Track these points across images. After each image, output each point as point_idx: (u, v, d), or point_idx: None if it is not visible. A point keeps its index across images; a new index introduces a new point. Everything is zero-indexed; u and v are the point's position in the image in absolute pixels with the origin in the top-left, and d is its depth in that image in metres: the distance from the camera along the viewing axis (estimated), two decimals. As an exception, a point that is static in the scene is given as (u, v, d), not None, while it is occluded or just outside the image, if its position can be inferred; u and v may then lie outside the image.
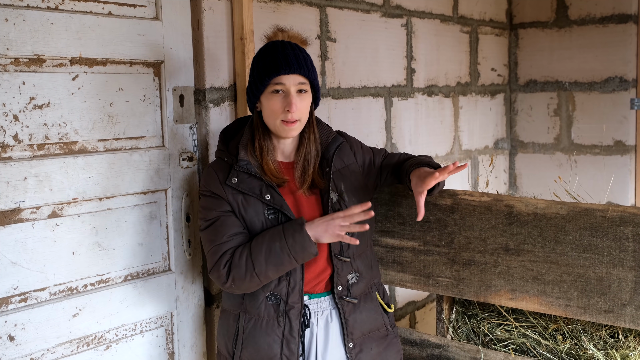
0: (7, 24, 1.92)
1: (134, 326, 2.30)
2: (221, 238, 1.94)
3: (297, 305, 1.98)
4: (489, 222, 2.18)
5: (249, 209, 1.96)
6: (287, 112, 1.94)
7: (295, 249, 1.89)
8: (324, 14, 3.02)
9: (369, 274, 2.12)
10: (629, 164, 4.12)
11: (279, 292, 1.98)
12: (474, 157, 4.25)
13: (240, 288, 1.94)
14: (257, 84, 1.96)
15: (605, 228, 2.00)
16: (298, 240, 1.89)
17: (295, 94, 1.95)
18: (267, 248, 1.90)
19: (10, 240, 1.97)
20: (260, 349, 1.98)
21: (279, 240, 1.90)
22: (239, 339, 2.00)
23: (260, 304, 1.98)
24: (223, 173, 1.99)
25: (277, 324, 1.98)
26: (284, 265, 1.91)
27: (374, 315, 2.11)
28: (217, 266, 1.93)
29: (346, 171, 2.10)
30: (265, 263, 1.89)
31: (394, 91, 3.49)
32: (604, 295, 2.01)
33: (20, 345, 1.99)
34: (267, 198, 1.96)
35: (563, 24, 4.29)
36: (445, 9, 3.87)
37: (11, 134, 1.96)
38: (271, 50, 1.98)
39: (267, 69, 1.94)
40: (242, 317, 2.00)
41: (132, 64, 2.26)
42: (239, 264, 1.91)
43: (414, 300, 3.75)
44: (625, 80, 4.07)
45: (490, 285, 2.20)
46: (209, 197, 2.00)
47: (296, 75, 1.95)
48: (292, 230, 1.91)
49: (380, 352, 2.11)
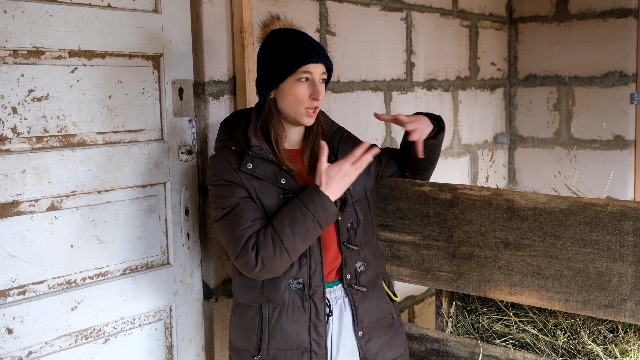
0: (5, 15, 1.91)
1: (133, 319, 2.30)
2: (244, 223, 1.89)
3: (320, 289, 1.98)
4: (489, 216, 2.18)
5: (266, 193, 1.94)
6: (313, 100, 1.95)
7: (318, 212, 1.88)
8: (323, 7, 3.01)
9: (375, 263, 2.14)
10: (628, 159, 4.11)
11: (301, 277, 1.96)
12: (474, 152, 4.24)
13: (270, 270, 1.89)
14: (283, 70, 1.93)
15: (606, 223, 1.99)
16: (318, 202, 1.88)
17: (319, 83, 1.96)
18: (290, 219, 1.87)
19: (8, 233, 1.96)
20: (288, 337, 1.96)
21: (299, 209, 1.88)
22: (265, 330, 1.97)
23: (284, 292, 1.96)
24: (235, 160, 1.96)
25: (303, 309, 1.97)
26: (310, 233, 1.88)
27: (381, 304, 2.12)
28: (245, 251, 1.88)
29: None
30: (292, 235, 1.86)
31: (394, 85, 3.49)
32: (604, 290, 2.01)
33: (19, 338, 1.99)
34: (283, 182, 1.95)
35: (563, 18, 4.28)
36: (445, 2, 3.86)
37: (10, 126, 1.95)
38: (294, 37, 1.97)
39: (296, 56, 1.92)
40: (266, 308, 1.97)
41: (131, 57, 2.25)
42: (265, 242, 1.86)
43: (413, 294, 3.75)
44: (625, 75, 4.06)
45: (489, 280, 2.19)
46: (223, 185, 1.95)
47: (322, 64, 1.96)
48: (309, 195, 1.90)
49: (388, 341, 2.12)
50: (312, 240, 1.92)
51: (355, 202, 2.08)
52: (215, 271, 2.53)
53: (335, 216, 1.92)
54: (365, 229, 2.10)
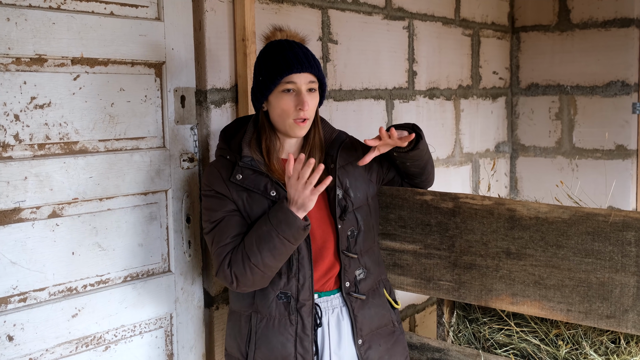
0: (8, 23, 1.91)
1: (133, 327, 2.29)
2: (225, 239, 1.92)
3: (308, 303, 1.97)
4: (491, 225, 2.17)
5: (254, 206, 1.94)
6: (299, 110, 1.93)
7: (282, 228, 1.83)
8: (325, 15, 3.02)
9: (376, 270, 2.13)
10: (630, 169, 4.11)
11: (288, 290, 1.96)
12: (475, 161, 4.24)
13: (247, 285, 1.90)
14: (267, 83, 1.94)
15: (608, 233, 1.99)
16: (281, 218, 1.84)
17: (306, 93, 1.94)
18: (256, 236, 1.87)
19: (10, 240, 1.96)
20: (273, 348, 1.96)
21: (265, 224, 1.87)
22: (252, 339, 1.98)
23: (271, 303, 1.96)
24: (226, 170, 1.97)
25: (289, 322, 1.96)
26: (278, 248, 1.84)
27: (382, 312, 2.11)
28: (222, 267, 1.90)
29: (349, 167, 2.11)
30: (259, 251, 1.84)
31: (396, 93, 3.49)
32: (606, 301, 2.00)
33: (19, 345, 1.99)
34: (273, 194, 1.94)
35: (565, 27, 4.28)
36: (447, 11, 3.86)
37: (12, 133, 1.96)
38: (279, 48, 1.96)
39: (278, 68, 1.92)
40: (254, 318, 1.98)
41: (134, 65, 2.25)
42: (235, 259, 1.88)
43: (414, 303, 3.74)
44: (627, 85, 4.06)
45: (491, 290, 2.19)
46: (213, 197, 1.97)
47: (307, 73, 1.94)
48: (275, 210, 1.87)
49: (389, 349, 2.11)
50: (286, 254, 1.88)
51: (356, 210, 2.07)
52: (216, 279, 2.52)
53: (303, 231, 1.85)
54: (366, 237, 2.09)
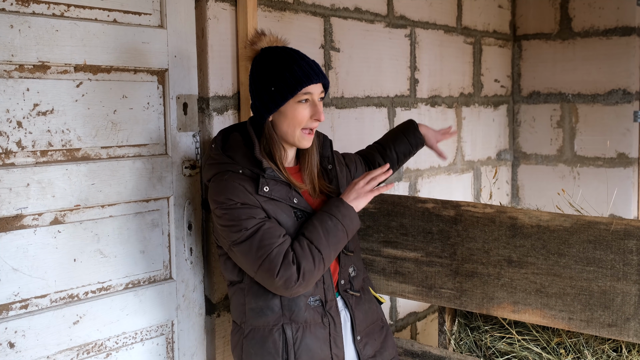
0: (12, 30, 1.92)
1: (135, 334, 2.29)
2: (278, 239, 1.87)
3: (334, 302, 2.02)
4: (492, 233, 2.17)
5: (281, 213, 1.94)
6: (315, 120, 1.95)
7: (346, 221, 1.93)
8: (328, 23, 3.02)
9: (362, 268, 2.19)
10: (631, 177, 4.11)
11: (318, 293, 1.99)
12: (477, 168, 4.24)
13: (309, 283, 1.88)
14: (284, 93, 1.90)
15: (609, 241, 1.99)
16: (345, 212, 1.94)
17: (318, 102, 1.96)
18: (323, 230, 1.90)
19: (12, 247, 1.96)
20: (314, 355, 1.96)
21: (330, 219, 1.92)
22: (290, 351, 1.95)
23: (305, 311, 1.97)
24: (249, 184, 1.92)
25: (323, 325, 1.99)
26: (340, 242, 1.94)
27: (373, 307, 2.17)
28: (286, 265, 1.84)
29: (343, 168, 2.23)
30: (328, 244, 1.90)
31: (397, 101, 3.49)
32: (608, 309, 2.00)
33: (20, 352, 1.98)
34: (295, 202, 1.97)
35: (566, 35, 4.29)
36: (449, 19, 3.87)
37: (15, 140, 1.96)
38: (291, 58, 1.94)
39: (296, 78, 1.90)
40: (289, 329, 1.95)
41: (136, 72, 2.26)
42: (304, 254, 1.86)
43: (415, 311, 3.74)
44: (628, 93, 4.07)
45: (492, 298, 2.18)
46: (240, 208, 1.89)
47: (320, 84, 1.96)
48: (335, 207, 1.95)
49: (382, 343, 2.16)
50: (340, 250, 1.97)
51: None
52: (217, 286, 2.52)
53: (359, 225, 1.99)
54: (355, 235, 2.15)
